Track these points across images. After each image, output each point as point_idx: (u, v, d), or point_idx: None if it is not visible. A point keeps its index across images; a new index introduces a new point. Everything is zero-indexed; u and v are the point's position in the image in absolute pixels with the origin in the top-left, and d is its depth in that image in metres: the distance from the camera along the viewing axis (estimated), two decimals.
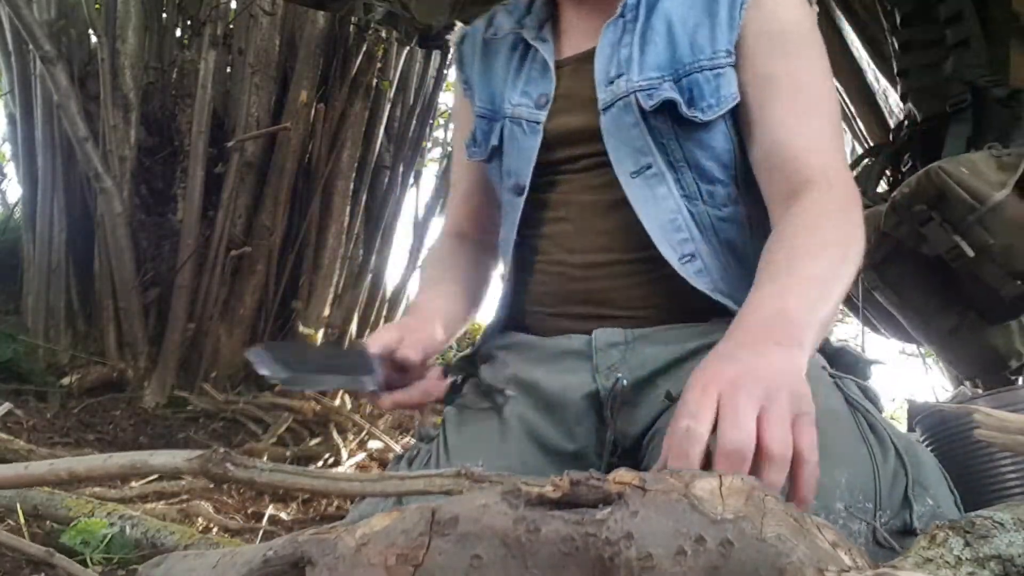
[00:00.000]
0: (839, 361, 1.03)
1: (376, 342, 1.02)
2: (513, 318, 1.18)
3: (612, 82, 1.05)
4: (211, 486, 2.51)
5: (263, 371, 0.87)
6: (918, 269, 1.81)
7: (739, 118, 1.05)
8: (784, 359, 0.74)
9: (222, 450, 0.64)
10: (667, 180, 1.03)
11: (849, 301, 2.14)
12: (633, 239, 1.04)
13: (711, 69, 1.03)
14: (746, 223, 1.06)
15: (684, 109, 1.02)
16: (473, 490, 0.56)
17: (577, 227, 1.09)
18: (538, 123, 1.10)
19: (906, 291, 1.86)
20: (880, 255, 1.83)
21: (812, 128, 1.00)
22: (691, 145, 1.04)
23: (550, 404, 1.05)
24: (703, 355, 0.98)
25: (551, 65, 1.12)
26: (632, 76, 1.04)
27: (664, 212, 1.03)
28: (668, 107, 1.02)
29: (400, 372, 1.04)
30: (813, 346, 0.81)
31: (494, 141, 1.15)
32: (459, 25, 1.28)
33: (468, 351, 1.23)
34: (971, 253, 1.63)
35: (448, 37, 1.31)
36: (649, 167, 1.03)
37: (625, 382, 0.99)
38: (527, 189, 1.11)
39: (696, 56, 1.03)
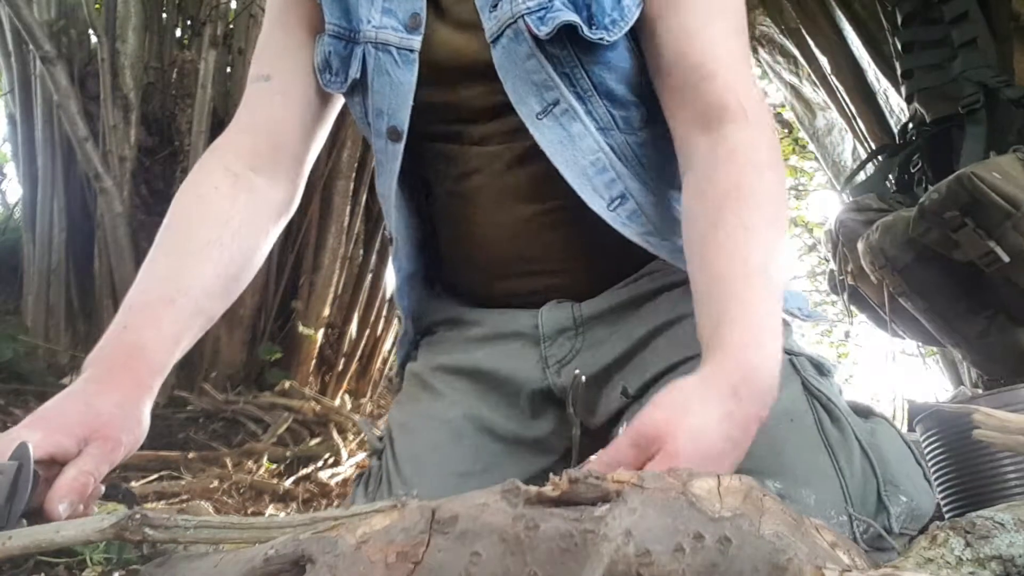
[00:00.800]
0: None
1: (48, 440, 0.69)
2: (440, 290, 1.08)
3: (496, 6, 0.89)
4: (212, 485, 2.51)
5: None
6: (945, 274, 1.81)
7: (637, 27, 0.90)
8: (747, 441, 0.69)
9: (139, 515, 0.57)
10: (579, 115, 0.90)
11: (875, 313, 2.13)
12: (556, 188, 0.92)
13: None
14: (664, 141, 0.95)
15: (586, 31, 0.87)
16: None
17: (495, 181, 0.95)
18: (412, 51, 0.91)
19: (933, 296, 1.85)
20: (905, 261, 1.83)
21: (719, 36, 0.87)
22: (598, 69, 0.90)
23: (499, 388, 0.99)
24: (651, 343, 0.94)
25: None
26: None
27: (584, 153, 0.91)
28: (566, 31, 0.87)
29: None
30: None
31: (355, 72, 0.96)
32: None
33: (402, 333, 1.08)
34: (1006, 258, 1.63)
35: None
36: (556, 103, 0.89)
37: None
38: (405, 134, 0.94)
39: None
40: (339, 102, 1.08)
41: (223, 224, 0.92)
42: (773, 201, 0.81)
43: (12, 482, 0.64)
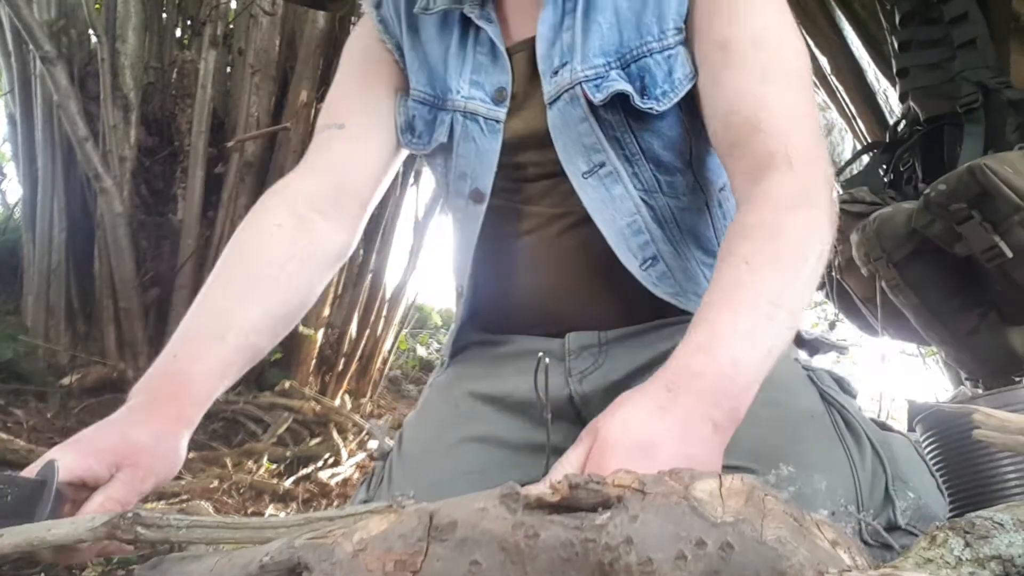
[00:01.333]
0: (810, 347, 1.02)
1: (79, 465, 0.71)
2: (478, 324, 1.11)
3: (556, 72, 0.95)
4: (212, 485, 2.51)
5: None
6: (940, 269, 1.81)
7: (694, 95, 0.94)
8: (698, 443, 0.67)
9: (131, 513, 0.57)
10: (622, 178, 0.95)
11: (855, 307, 2.13)
12: (597, 251, 0.96)
13: (661, 52, 0.93)
14: (706, 209, 1.00)
15: (638, 101, 0.92)
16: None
17: (539, 243, 1.00)
18: (499, 122, 0.98)
19: (926, 291, 1.84)
20: (902, 253, 1.82)
21: (772, 93, 0.88)
22: (647, 136, 0.95)
23: (516, 408, 1.01)
24: None
25: (502, 50, 0.99)
26: (575, 64, 0.93)
27: (622, 215, 0.95)
28: (619, 100, 0.92)
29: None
30: (753, 393, 0.72)
31: (441, 137, 1.02)
32: None
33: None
34: (1010, 254, 1.62)
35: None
36: (603, 165, 0.95)
37: (548, 360, 0.90)
38: (488, 197, 0.99)
39: (644, 38, 0.93)
40: (403, 155, 1.12)
41: (280, 265, 0.95)
42: (788, 238, 0.79)
43: (30, 497, 0.65)
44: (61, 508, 0.69)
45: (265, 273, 0.94)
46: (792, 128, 0.87)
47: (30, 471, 0.70)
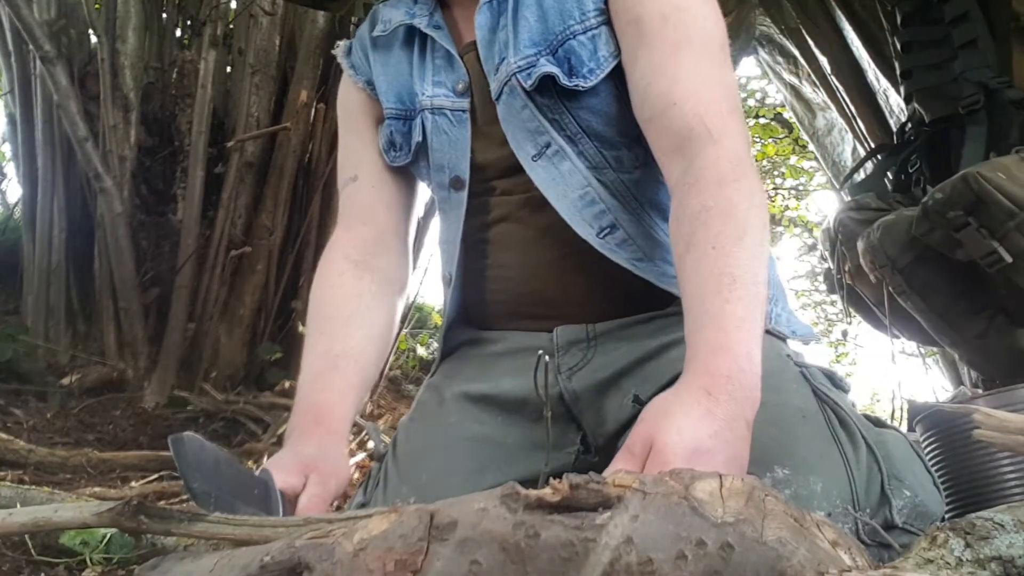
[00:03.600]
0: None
1: (278, 478, 0.86)
2: (467, 318, 1.15)
3: (497, 69, 1.02)
4: None
5: (182, 472, 0.76)
6: (945, 274, 1.81)
7: (621, 74, 0.99)
8: (740, 444, 0.71)
9: (135, 501, 0.59)
10: (569, 155, 1.00)
11: (872, 313, 2.13)
12: (566, 232, 1.00)
13: (584, 33, 0.98)
14: (659, 178, 1.01)
15: (564, 80, 0.97)
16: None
17: (515, 227, 1.05)
18: (464, 111, 1.05)
19: (932, 296, 1.85)
20: (906, 260, 1.83)
21: (684, 65, 0.91)
22: (584, 114, 1.00)
23: (509, 407, 1.03)
24: (664, 354, 0.97)
25: (455, 53, 1.07)
26: (510, 58, 1.00)
27: (573, 188, 0.99)
28: (548, 81, 0.98)
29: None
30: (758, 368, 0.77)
31: (417, 137, 1.09)
32: (341, 43, 1.22)
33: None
34: (1009, 259, 1.62)
35: (333, 52, 1.24)
36: (548, 146, 1.00)
37: (547, 358, 0.95)
38: (468, 183, 1.05)
39: (567, 22, 0.99)
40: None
41: (357, 299, 1.09)
42: (739, 216, 0.83)
43: (268, 493, 0.79)
44: (285, 504, 0.83)
45: (349, 310, 1.08)
46: (708, 100, 0.90)
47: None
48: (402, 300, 1.18)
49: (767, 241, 0.84)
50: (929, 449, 1.41)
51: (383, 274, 1.14)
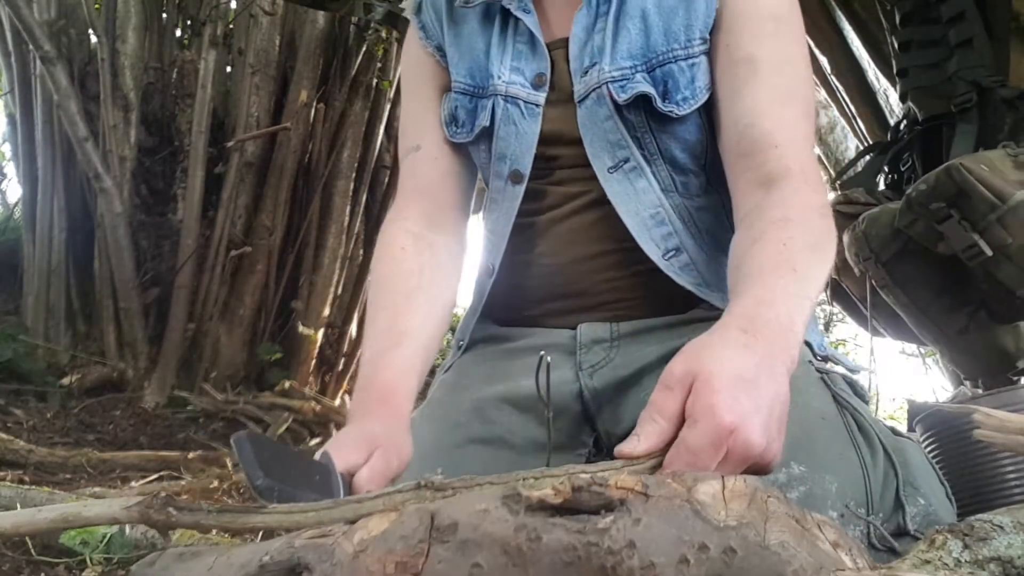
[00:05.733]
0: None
1: (340, 458, 0.84)
2: (490, 312, 1.14)
3: (586, 72, 1.01)
4: (212, 485, 2.51)
5: (245, 469, 0.76)
6: (928, 267, 1.81)
7: (710, 104, 1.00)
8: (782, 380, 0.69)
9: (163, 495, 0.60)
10: (645, 173, 1.00)
11: (855, 306, 2.13)
12: (617, 233, 1.01)
13: (686, 59, 0.98)
14: (721, 211, 1.04)
15: (659, 103, 0.97)
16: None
17: (564, 220, 1.05)
18: (537, 106, 1.04)
19: (915, 290, 1.85)
20: (890, 253, 1.83)
21: (789, 116, 0.94)
22: (666, 138, 1.00)
23: (523, 406, 1.02)
24: None
25: (541, 40, 1.05)
26: (604, 65, 0.99)
27: (645, 207, 1.00)
28: (642, 101, 0.98)
29: None
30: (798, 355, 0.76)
31: (483, 121, 1.06)
32: None
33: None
34: (989, 252, 1.62)
35: (402, 6, 1.22)
36: (627, 160, 1.00)
37: (550, 359, 0.93)
38: (527, 179, 1.05)
39: (671, 45, 0.99)
40: None
41: (418, 275, 1.06)
42: (817, 233, 0.84)
43: (328, 478, 0.78)
44: (346, 486, 0.82)
45: (411, 285, 1.05)
46: (805, 153, 0.94)
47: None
48: (460, 274, 1.14)
49: (828, 273, 0.84)
50: (929, 449, 1.41)
51: (442, 248, 1.11)
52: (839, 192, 2.24)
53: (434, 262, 1.08)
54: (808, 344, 0.99)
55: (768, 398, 0.65)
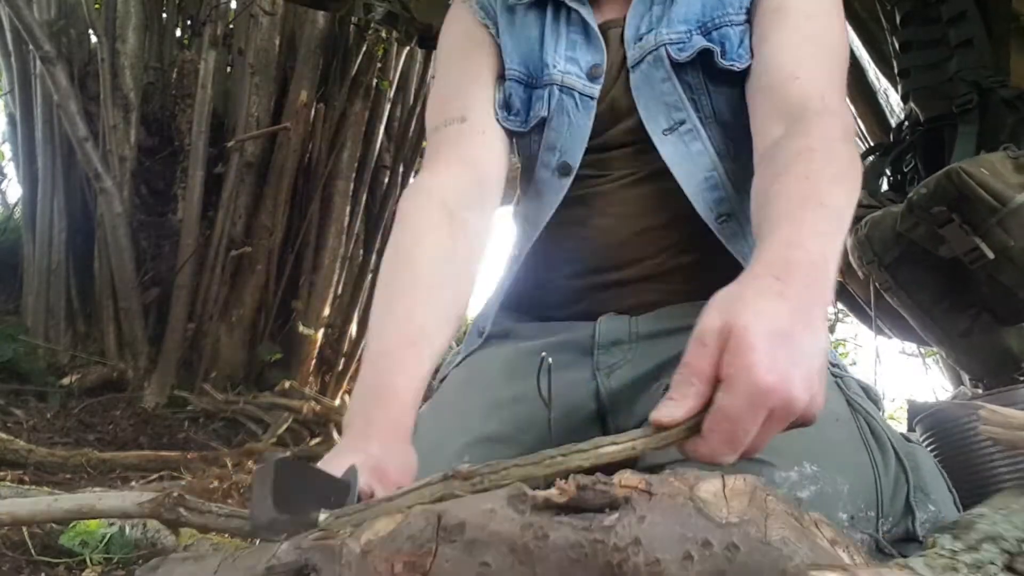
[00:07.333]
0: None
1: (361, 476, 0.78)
2: (508, 304, 1.12)
3: (641, 38, 1.02)
4: (212, 485, 2.51)
5: (251, 507, 0.73)
6: (931, 270, 1.81)
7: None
8: (819, 326, 0.66)
9: (175, 493, 0.60)
10: (701, 136, 1.01)
11: (859, 307, 2.13)
12: (671, 207, 1.00)
13: (740, 24, 1.01)
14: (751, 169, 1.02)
15: (719, 59, 0.99)
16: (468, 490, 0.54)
17: (614, 188, 1.04)
18: (592, 98, 1.03)
19: (918, 292, 1.85)
20: (892, 256, 1.83)
21: (816, 58, 0.95)
22: (720, 99, 1.01)
23: (536, 406, 0.99)
24: None
25: (595, 29, 1.06)
26: (661, 30, 1.01)
27: (700, 170, 1.00)
28: (702, 58, 0.99)
29: None
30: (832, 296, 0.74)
31: (541, 111, 1.05)
32: None
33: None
34: (991, 255, 1.62)
35: None
36: (683, 123, 1.01)
37: (551, 360, 0.91)
38: (575, 172, 1.03)
39: (726, 9, 1.01)
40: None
41: (447, 262, 0.97)
42: (842, 162, 0.82)
43: (354, 485, 0.74)
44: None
45: (435, 275, 0.96)
46: (827, 85, 0.92)
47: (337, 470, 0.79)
48: (484, 261, 1.07)
49: (855, 202, 0.81)
50: (928, 449, 1.42)
51: (473, 231, 1.03)
52: None
53: (464, 248, 1.00)
54: None
55: (807, 349, 0.62)
